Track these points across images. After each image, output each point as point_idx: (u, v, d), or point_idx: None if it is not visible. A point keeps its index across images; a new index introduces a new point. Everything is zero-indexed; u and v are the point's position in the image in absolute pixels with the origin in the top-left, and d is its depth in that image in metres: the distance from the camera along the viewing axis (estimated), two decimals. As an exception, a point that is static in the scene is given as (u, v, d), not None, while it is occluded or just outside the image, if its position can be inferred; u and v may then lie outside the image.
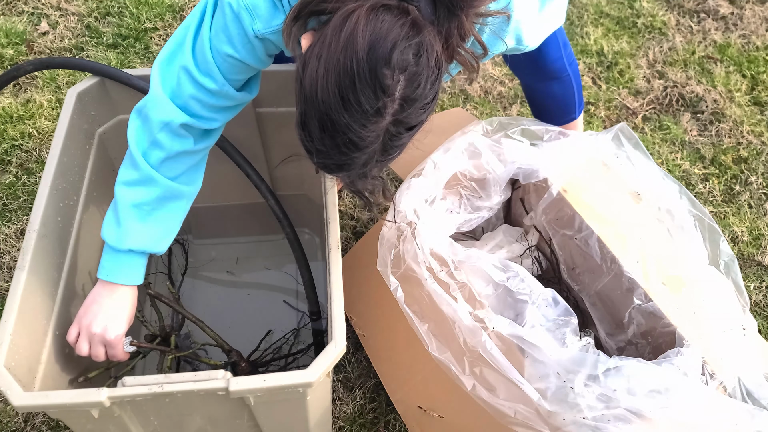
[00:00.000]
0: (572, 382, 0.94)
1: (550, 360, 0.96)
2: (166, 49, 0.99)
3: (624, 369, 0.93)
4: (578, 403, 0.93)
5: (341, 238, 1.70)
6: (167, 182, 1.01)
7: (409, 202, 1.16)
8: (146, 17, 2.21)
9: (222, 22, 0.92)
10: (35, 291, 1.04)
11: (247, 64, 0.96)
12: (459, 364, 1.05)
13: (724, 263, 1.16)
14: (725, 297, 1.11)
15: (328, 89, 0.75)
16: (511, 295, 1.07)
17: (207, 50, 0.94)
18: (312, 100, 0.77)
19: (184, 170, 1.05)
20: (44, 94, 1.96)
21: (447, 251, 1.10)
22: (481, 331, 1.00)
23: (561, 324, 1.02)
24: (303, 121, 0.81)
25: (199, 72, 0.96)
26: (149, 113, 0.99)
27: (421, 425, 1.27)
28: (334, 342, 0.96)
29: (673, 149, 2.02)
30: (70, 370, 1.13)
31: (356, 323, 1.43)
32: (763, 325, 1.65)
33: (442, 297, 1.05)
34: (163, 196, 1.02)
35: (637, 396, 0.92)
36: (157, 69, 0.98)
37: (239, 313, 1.55)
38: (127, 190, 1.00)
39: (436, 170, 1.21)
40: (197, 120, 1.00)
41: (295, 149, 1.47)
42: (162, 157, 1.00)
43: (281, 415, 1.05)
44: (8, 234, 1.67)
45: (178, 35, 0.98)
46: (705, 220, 1.20)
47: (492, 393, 1.01)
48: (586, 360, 0.95)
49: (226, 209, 1.60)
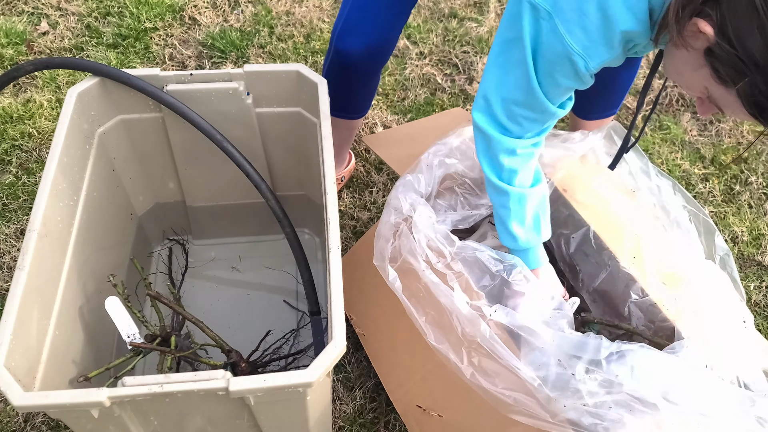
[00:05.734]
0: (573, 369, 0.94)
1: (551, 346, 0.96)
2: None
3: (627, 354, 0.93)
4: (579, 390, 0.92)
5: (341, 238, 1.70)
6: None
7: (404, 197, 1.16)
8: (146, 17, 2.21)
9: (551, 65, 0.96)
10: (35, 291, 1.04)
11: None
12: (457, 355, 1.05)
13: (719, 258, 1.17)
14: (723, 290, 1.12)
15: None
16: (508, 286, 1.08)
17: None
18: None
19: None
20: (44, 94, 1.96)
21: (444, 243, 1.10)
22: (479, 320, 1.00)
23: (558, 317, 1.03)
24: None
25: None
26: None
27: (420, 425, 1.27)
28: (334, 342, 0.96)
29: (673, 149, 2.02)
30: (70, 370, 1.13)
31: (356, 323, 1.43)
32: (763, 325, 1.65)
33: (439, 287, 1.05)
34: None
35: (641, 382, 0.91)
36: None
37: (239, 313, 1.55)
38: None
39: (429, 168, 1.22)
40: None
41: (295, 149, 1.48)
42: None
43: (281, 415, 1.05)
44: (8, 234, 1.67)
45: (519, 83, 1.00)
46: (700, 215, 1.21)
47: (491, 382, 1.01)
48: (588, 344, 0.95)
49: (226, 209, 1.60)
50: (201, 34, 2.20)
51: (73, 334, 1.18)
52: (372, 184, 1.87)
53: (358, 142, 1.95)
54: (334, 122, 1.37)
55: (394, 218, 1.16)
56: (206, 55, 2.15)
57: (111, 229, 1.41)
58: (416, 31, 2.29)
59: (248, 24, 2.25)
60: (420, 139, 1.27)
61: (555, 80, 0.97)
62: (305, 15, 2.28)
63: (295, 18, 2.28)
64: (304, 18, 2.27)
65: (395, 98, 2.09)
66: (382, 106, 2.06)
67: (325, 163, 1.20)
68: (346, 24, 1.34)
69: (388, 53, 1.41)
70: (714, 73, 0.84)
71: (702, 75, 0.86)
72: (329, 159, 1.21)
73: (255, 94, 1.36)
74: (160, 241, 1.65)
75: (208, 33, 2.20)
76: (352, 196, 1.83)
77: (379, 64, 1.43)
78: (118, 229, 1.46)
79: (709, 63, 0.84)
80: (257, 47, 2.17)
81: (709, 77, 0.85)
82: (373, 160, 1.92)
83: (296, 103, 1.39)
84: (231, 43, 2.15)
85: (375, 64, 1.42)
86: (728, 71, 0.82)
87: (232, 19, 2.26)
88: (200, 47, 2.17)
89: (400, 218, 1.15)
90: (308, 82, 1.33)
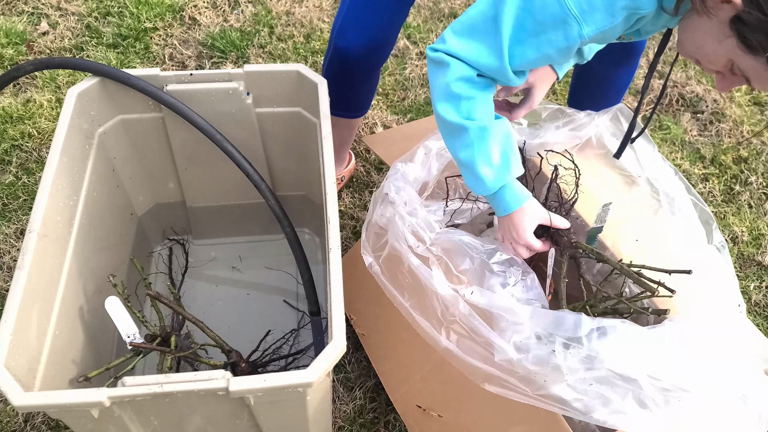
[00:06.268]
0: (553, 345, 0.93)
1: (530, 322, 0.95)
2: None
3: (608, 330, 0.92)
4: (559, 366, 0.92)
5: (341, 238, 1.70)
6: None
7: (393, 185, 1.16)
8: (146, 17, 2.21)
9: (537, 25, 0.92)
10: (35, 291, 1.04)
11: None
12: (438, 336, 1.05)
13: (715, 248, 1.16)
14: (722, 275, 1.11)
15: None
16: (488, 269, 1.08)
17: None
18: None
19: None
20: (44, 94, 1.96)
21: (426, 228, 1.11)
22: (458, 299, 1.00)
23: (533, 305, 1.02)
24: None
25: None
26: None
27: (420, 425, 1.27)
28: (334, 342, 0.96)
29: (673, 149, 2.02)
30: (70, 370, 1.13)
31: (356, 323, 1.43)
32: (763, 325, 1.65)
33: (419, 269, 1.05)
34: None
35: (622, 358, 0.91)
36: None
37: (239, 313, 1.55)
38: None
39: (428, 156, 1.21)
40: None
41: (295, 149, 1.48)
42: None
43: (281, 415, 1.05)
44: (8, 234, 1.67)
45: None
46: (698, 204, 1.21)
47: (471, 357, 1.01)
48: (565, 320, 0.94)
49: (226, 209, 1.60)
50: (201, 34, 2.20)
51: (73, 334, 1.18)
52: (372, 184, 1.87)
53: (358, 142, 1.95)
54: (334, 121, 1.37)
55: (381, 206, 1.16)
56: (206, 55, 2.15)
57: (111, 229, 1.41)
58: (416, 31, 2.29)
59: (248, 24, 2.25)
60: (419, 140, 1.27)
61: (536, 46, 0.93)
62: (305, 15, 2.28)
63: (295, 18, 2.28)
64: (304, 18, 2.27)
65: (395, 98, 2.09)
66: (382, 106, 2.06)
67: (325, 163, 1.20)
68: (346, 21, 1.34)
69: (387, 50, 1.41)
70: (741, 42, 0.82)
71: (727, 46, 0.84)
72: (329, 159, 1.21)
73: (255, 94, 1.36)
74: (160, 241, 1.65)
75: (208, 33, 2.20)
76: (352, 196, 1.83)
77: (379, 61, 1.43)
78: (118, 229, 1.46)
79: (737, 32, 0.81)
80: (257, 47, 2.17)
81: (735, 48, 0.83)
82: (373, 160, 1.92)
83: (296, 103, 1.39)
84: (231, 43, 2.15)
85: (375, 60, 1.42)
86: (759, 38, 0.80)
87: (232, 19, 2.26)
88: (200, 47, 2.17)
89: (388, 205, 1.14)
90: (308, 82, 1.33)
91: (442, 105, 1.03)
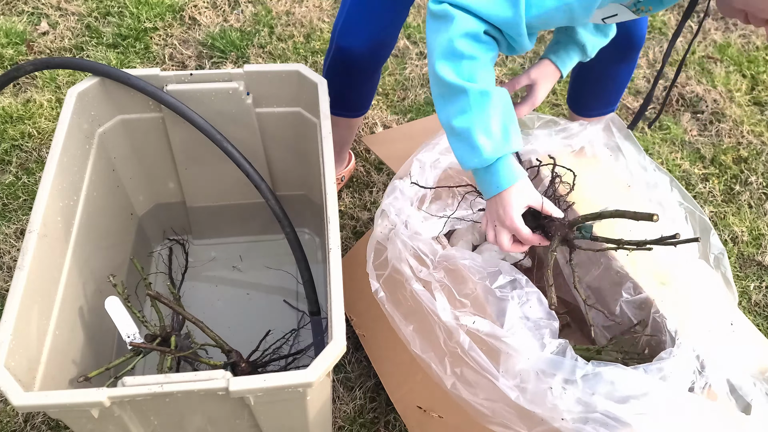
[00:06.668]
0: (550, 383, 0.94)
1: (528, 362, 0.96)
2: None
3: (603, 374, 0.93)
4: (556, 405, 0.92)
5: (341, 238, 1.70)
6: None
7: (392, 204, 1.16)
8: (146, 17, 2.21)
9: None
10: (35, 291, 1.04)
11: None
12: (441, 364, 1.05)
13: (713, 257, 1.16)
14: (713, 292, 1.11)
15: None
16: (492, 294, 1.07)
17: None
18: None
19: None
20: (44, 94, 1.96)
21: (428, 251, 1.10)
22: (459, 330, 1.00)
23: (542, 325, 1.02)
24: None
25: None
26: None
27: (420, 425, 1.27)
28: (334, 342, 0.96)
29: (673, 149, 2.02)
30: (70, 370, 1.13)
31: (356, 323, 1.43)
32: (763, 325, 1.65)
33: (423, 296, 1.05)
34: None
35: (616, 401, 0.91)
36: None
37: (239, 313, 1.55)
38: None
39: (423, 170, 1.21)
40: None
41: (295, 149, 1.48)
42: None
43: (281, 415, 1.05)
44: (8, 234, 1.67)
45: None
46: (696, 213, 1.20)
47: (472, 392, 1.01)
48: (563, 364, 0.94)
49: (226, 209, 1.60)
50: (201, 34, 2.20)
51: (73, 334, 1.18)
52: (372, 184, 1.87)
53: (358, 142, 1.95)
54: (335, 121, 1.37)
55: (381, 226, 1.15)
56: (206, 55, 2.15)
57: (111, 229, 1.41)
58: (416, 31, 2.29)
59: (248, 24, 2.25)
60: (419, 139, 1.27)
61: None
62: (305, 15, 2.28)
63: (295, 18, 2.28)
64: (304, 18, 2.27)
65: (395, 98, 2.09)
66: (382, 106, 2.06)
67: (325, 163, 1.20)
68: (347, 21, 1.35)
69: (388, 50, 1.42)
70: None
71: None
72: (329, 159, 1.21)
73: (255, 94, 1.36)
74: (160, 241, 1.65)
75: (208, 33, 2.20)
76: (352, 196, 1.83)
77: (380, 61, 1.43)
78: (118, 229, 1.46)
79: None
80: (257, 47, 2.18)
81: None
82: (373, 160, 1.92)
83: (296, 103, 1.39)
84: (231, 43, 2.15)
85: (376, 60, 1.42)
86: None
87: (232, 19, 2.26)
88: (200, 47, 2.17)
89: (389, 225, 1.14)
90: (308, 82, 1.33)
91: (441, 64, 0.96)
